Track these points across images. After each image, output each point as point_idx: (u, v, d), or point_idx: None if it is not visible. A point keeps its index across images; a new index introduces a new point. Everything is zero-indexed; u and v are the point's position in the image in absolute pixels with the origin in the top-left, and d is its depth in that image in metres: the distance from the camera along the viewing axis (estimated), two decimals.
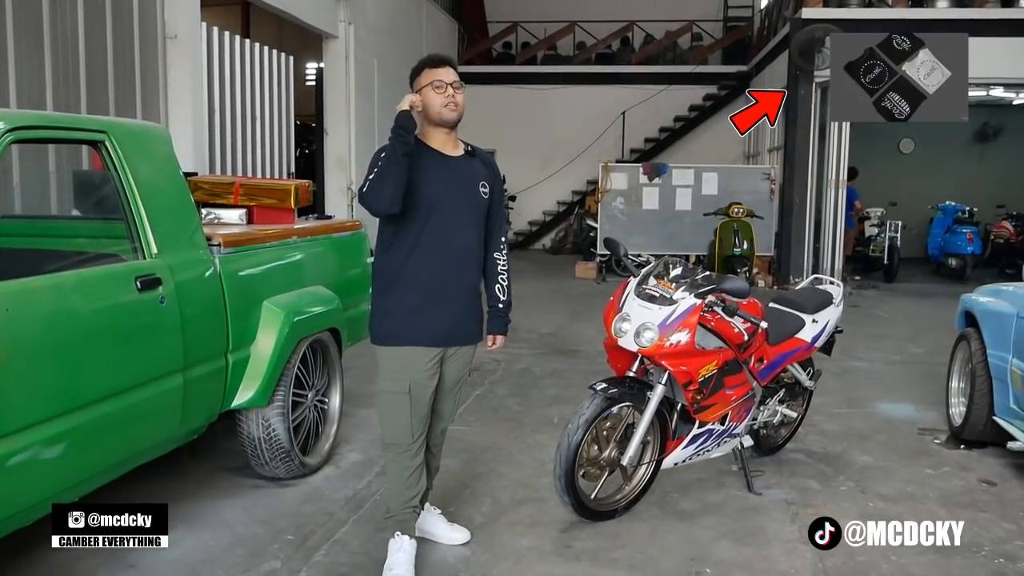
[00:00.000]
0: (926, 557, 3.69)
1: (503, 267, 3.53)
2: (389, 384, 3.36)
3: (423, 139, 3.35)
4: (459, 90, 3.31)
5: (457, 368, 3.49)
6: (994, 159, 16.19)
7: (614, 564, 3.59)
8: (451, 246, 3.32)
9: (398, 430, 3.38)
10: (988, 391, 4.92)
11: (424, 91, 3.29)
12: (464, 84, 3.36)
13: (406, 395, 3.33)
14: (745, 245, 11.55)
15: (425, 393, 3.37)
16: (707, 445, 4.15)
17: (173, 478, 4.30)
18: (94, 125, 3.49)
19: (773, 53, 13.93)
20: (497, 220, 3.51)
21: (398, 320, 3.33)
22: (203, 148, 7.95)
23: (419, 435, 3.40)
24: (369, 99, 12.13)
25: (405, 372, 3.33)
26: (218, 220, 4.90)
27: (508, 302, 3.55)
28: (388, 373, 3.37)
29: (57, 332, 2.98)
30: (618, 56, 18.18)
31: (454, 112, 3.31)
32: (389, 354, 3.36)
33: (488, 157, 3.52)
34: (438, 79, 3.28)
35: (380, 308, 3.39)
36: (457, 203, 3.34)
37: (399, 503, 3.43)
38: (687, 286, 3.92)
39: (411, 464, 3.41)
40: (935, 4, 12.11)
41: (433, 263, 3.30)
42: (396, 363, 3.35)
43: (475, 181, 3.39)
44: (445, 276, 3.31)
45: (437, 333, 3.34)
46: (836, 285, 5.06)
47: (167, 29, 7.52)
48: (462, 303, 3.38)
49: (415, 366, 3.33)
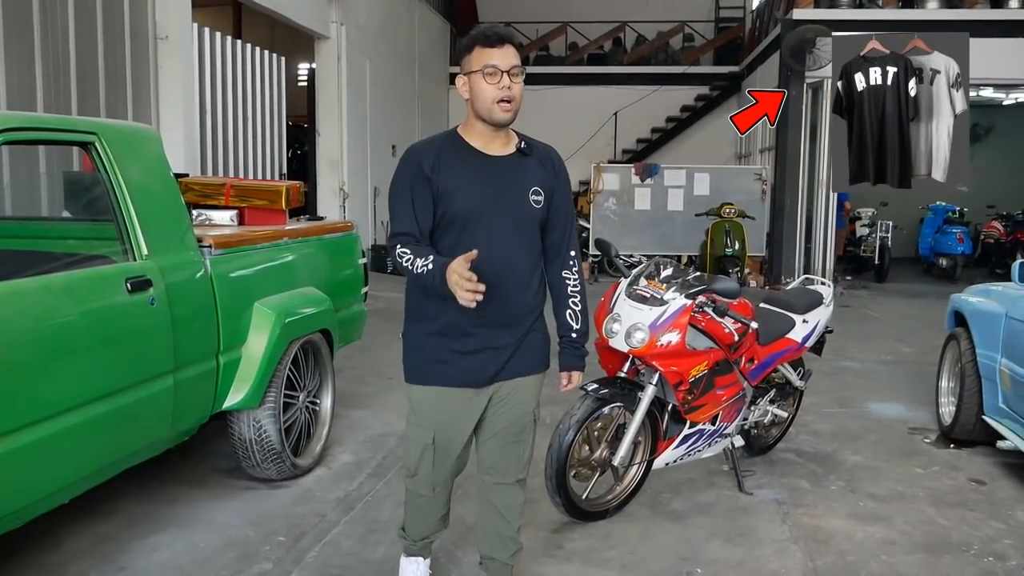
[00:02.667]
0: (916, 556, 3.71)
1: (574, 288, 2.90)
2: (412, 429, 2.89)
3: (463, 134, 2.77)
4: (517, 79, 2.64)
5: (512, 411, 2.86)
6: (984, 159, 16.25)
7: (605, 564, 3.59)
8: (491, 269, 2.60)
9: (418, 478, 2.94)
10: (977, 391, 4.94)
11: (473, 77, 2.65)
12: (524, 70, 2.69)
13: (429, 446, 2.84)
14: (737, 245, 11.58)
15: (455, 442, 2.86)
16: (698, 445, 4.16)
17: (164, 480, 4.29)
18: (84, 126, 3.48)
19: (764, 54, 13.97)
20: (561, 231, 2.86)
21: (424, 354, 2.78)
22: (194, 149, 7.94)
23: (441, 486, 2.96)
24: (361, 100, 12.13)
25: (430, 418, 2.83)
26: (209, 221, 4.89)
27: (583, 330, 2.92)
28: (412, 416, 2.88)
29: (46, 334, 2.97)
30: (610, 57, 18.21)
31: (507, 113, 2.65)
32: (415, 394, 2.85)
33: (549, 154, 2.87)
34: (491, 64, 2.61)
35: (409, 338, 2.84)
36: (500, 214, 2.71)
37: (417, 534, 3.10)
38: (678, 287, 3.93)
39: (434, 513, 3.04)
40: (925, 5, 12.17)
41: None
42: (421, 405, 2.85)
43: (525, 186, 2.75)
44: (483, 304, 2.52)
45: (472, 371, 2.76)
46: (826, 285, 5.08)
47: (158, 30, 7.50)
48: (508, 333, 2.78)
49: (443, 411, 2.81)
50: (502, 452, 2.92)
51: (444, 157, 2.71)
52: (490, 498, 2.98)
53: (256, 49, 9.62)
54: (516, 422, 2.89)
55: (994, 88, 13.54)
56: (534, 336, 2.85)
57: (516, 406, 2.87)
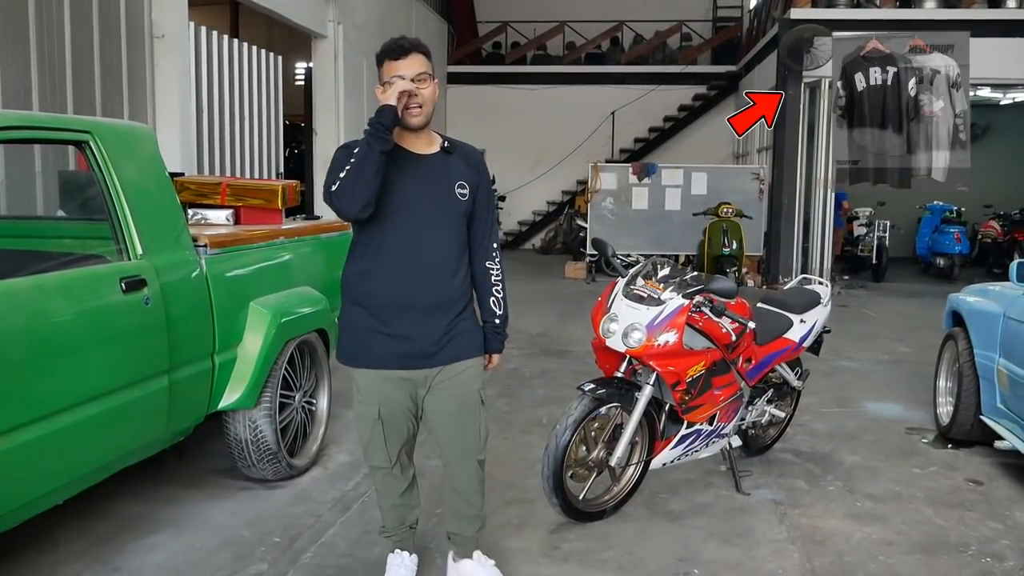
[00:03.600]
0: (913, 556, 3.70)
1: (497, 277, 3.11)
2: (360, 408, 3.07)
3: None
4: (424, 84, 2.85)
5: (451, 394, 3.03)
6: (981, 159, 16.23)
7: (602, 565, 3.58)
8: (420, 255, 2.90)
9: (375, 453, 3.12)
10: (975, 390, 4.94)
11: (387, 86, 2.84)
12: (433, 75, 2.92)
13: (377, 420, 3.03)
14: (734, 245, 11.57)
15: (400, 417, 3.05)
16: (695, 445, 4.15)
17: (159, 480, 4.28)
18: (78, 125, 3.47)
19: (762, 53, 13.97)
20: (484, 224, 3.07)
21: (359, 338, 2.98)
22: (191, 148, 7.91)
23: (398, 459, 3.13)
24: (358, 99, 12.11)
25: (374, 395, 3.01)
26: (205, 221, 4.88)
27: (504, 315, 3.14)
28: (357, 395, 3.07)
29: (40, 334, 2.96)
30: (608, 56, 18.19)
31: (417, 117, 2.88)
32: (355, 375, 3.05)
33: (472, 153, 3.09)
34: (397, 74, 2.83)
35: (344, 324, 3.05)
36: (427, 207, 2.92)
37: (394, 523, 3.26)
38: (675, 286, 3.92)
39: (398, 486, 3.19)
40: (923, 4, 12.16)
41: (399, 274, 2.90)
42: (364, 385, 3.03)
43: (450, 181, 2.96)
44: (414, 289, 2.88)
45: (402, 353, 2.94)
46: (824, 285, 5.07)
47: (154, 28, 7.47)
48: (435, 319, 2.94)
49: (382, 389, 3.00)
50: (455, 435, 3.10)
51: None
52: (451, 481, 3.18)
53: (253, 48, 9.59)
54: (463, 404, 3.06)
55: (991, 88, 13.54)
56: (466, 323, 3.04)
57: (460, 389, 3.04)
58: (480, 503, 3.22)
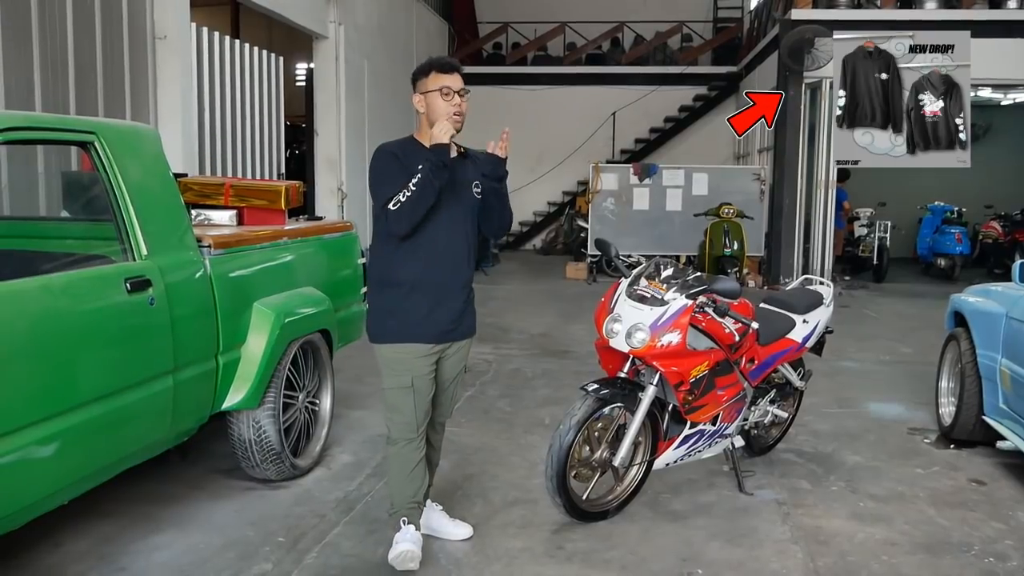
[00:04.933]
0: (916, 557, 3.70)
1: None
2: (393, 381, 3.44)
3: (419, 139, 3.43)
4: (465, 99, 3.38)
5: (454, 364, 3.58)
6: (982, 159, 16.23)
7: (606, 565, 3.59)
8: (447, 246, 3.40)
9: (403, 424, 3.45)
10: (977, 391, 4.94)
11: (430, 95, 3.35)
12: (469, 91, 3.44)
13: (409, 389, 3.41)
14: (735, 246, 11.58)
15: (426, 386, 3.46)
16: (698, 446, 4.16)
17: (163, 480, 4.28)
18: (82, 126, 3.48)
19: (763, 54, 13.97)
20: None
21: (398, 319, 3.39)
22: (193, 149, 7.92)
23: (422, 428, 3.49)
24: (359, 99, 12.11)
25: (407, 368, 3.41)
26: (208, 221, 4.88)
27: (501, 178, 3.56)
28: (392, 370, 3.44)
29: (46, 334, 2.96)
30: (608, 57, 18.19)
31: (457, 124, 3.36)
32: (390, 352, 3.43)
33: (481, 158, 3.53)
34: (447, 86, 3.34)
35: (379, 307, 3.47)
36: (453, 205, 3.39)
37: (403, 499, 3.50)
38: (678, 287, 3.92)
39: (414, 457, 3.48)
40: (924, 5, 12.16)
41: (431, 263, 3.37)
42: (398, 360, 3.41)
43: (469, 181, 3.46)
44: (443, 275, 3.40)
45: (435, 331, 3.42)
46: (826, 285, 5.08)
47: (156, 29, 7.48)
48: (458, 301, 3.47)
49: (416, 363, 3.41)
50: (444, 397, 3.64)
51: (409, 155, 3.33)
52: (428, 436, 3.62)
53: (254, 49, 9.60)
54: (455, 375, 3.63)
55: (992, 89, 13.54)
56: (471, 306, 3.58)
57: (457, 362, 3.60)
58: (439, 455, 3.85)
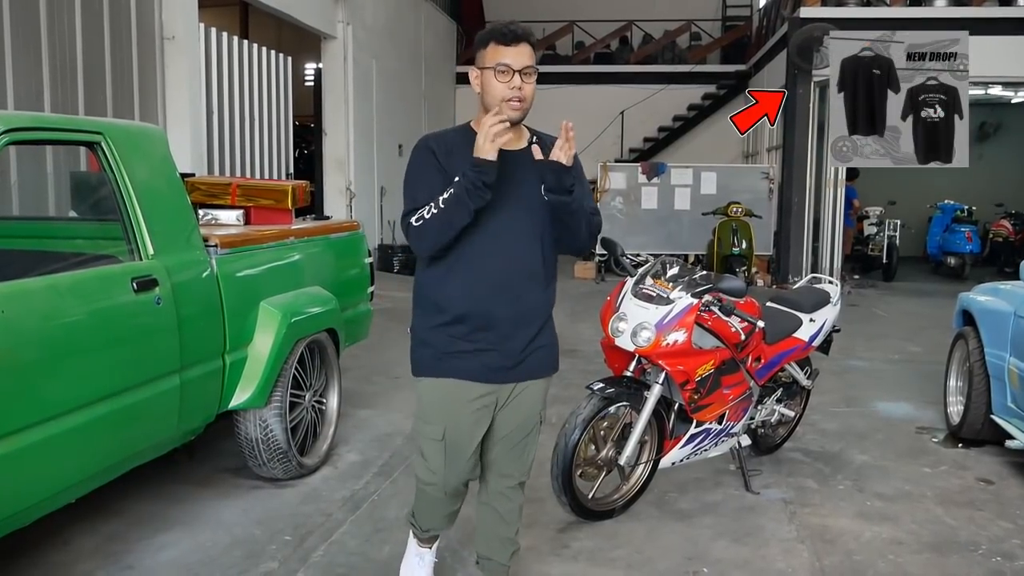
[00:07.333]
0: (923, 556, 3.69)
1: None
2: (421, 425, 2.81)
3: (475, 129, 2.66)
4: (529, 79, 2.60)
5: (519, 412, 2.81)
6: (993, 158, 16.18)
7: (612, 564, 3.59)
8: (504, 261, 2.67)
9: (428, 472, 2.85)
10: (986, 390, 4.92)
11: (485, 73, 2.62)
12: (537, 69, 2.65)
13: (440, 443, 2.76)
14: (744, 244, 11.55)
15: (466, 439, 2.76)
16: (704, 444, 4.15)
17: (171, 479, 4.30)
18: (90, 126, 3.49)
19: (772, 52, 13.94)
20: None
21: (434, 348, 2.73)
22: (201, 149, 7.95)
23: (455, 485, 2.86)
24: (368, 100, 12.14)
25: (442, 414, 2.75)
26: (215, 221, 4.89)
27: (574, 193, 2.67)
28: (422, 411, 2.81)
29: (53, 333, 2.98)
30: (617, 56, 18.19)
31: (517, 111, 2.61)
32: (424, 387, 2.79)
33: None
34: (504, 63, 2.58)
35: (417, 333, 2.81)
36: (513, 209, 2.66)
37: (423, 524, 3.04)
38: (684, 285, 3.92)
39: (440, 509, 2.96)
40: (933, 3, 12.13)
41: (481, 281, 2.66)
42: (431, 400, 2.78)
43: (537, 181, 2.67)
44: (496, 297, 2.65)
45: (483, 366, 2.70)
46: (833, 284, 5.06)
47: (165, 30, 7.52)
48: (518, 329, 2.72)
49: (456, 408, 2.73)
50: (507, 455, 2.88)
51: (455, 149, 2.67)
52: (490, 500, 2.95)
53: (263, 49, 9.63)
54: (524, 424, 2.85)
55: (1003, 86, 13.48)
56: (544, 338, 2.82)
57: (525, 408, 2.83)
58: (516, 527, 3.00)
